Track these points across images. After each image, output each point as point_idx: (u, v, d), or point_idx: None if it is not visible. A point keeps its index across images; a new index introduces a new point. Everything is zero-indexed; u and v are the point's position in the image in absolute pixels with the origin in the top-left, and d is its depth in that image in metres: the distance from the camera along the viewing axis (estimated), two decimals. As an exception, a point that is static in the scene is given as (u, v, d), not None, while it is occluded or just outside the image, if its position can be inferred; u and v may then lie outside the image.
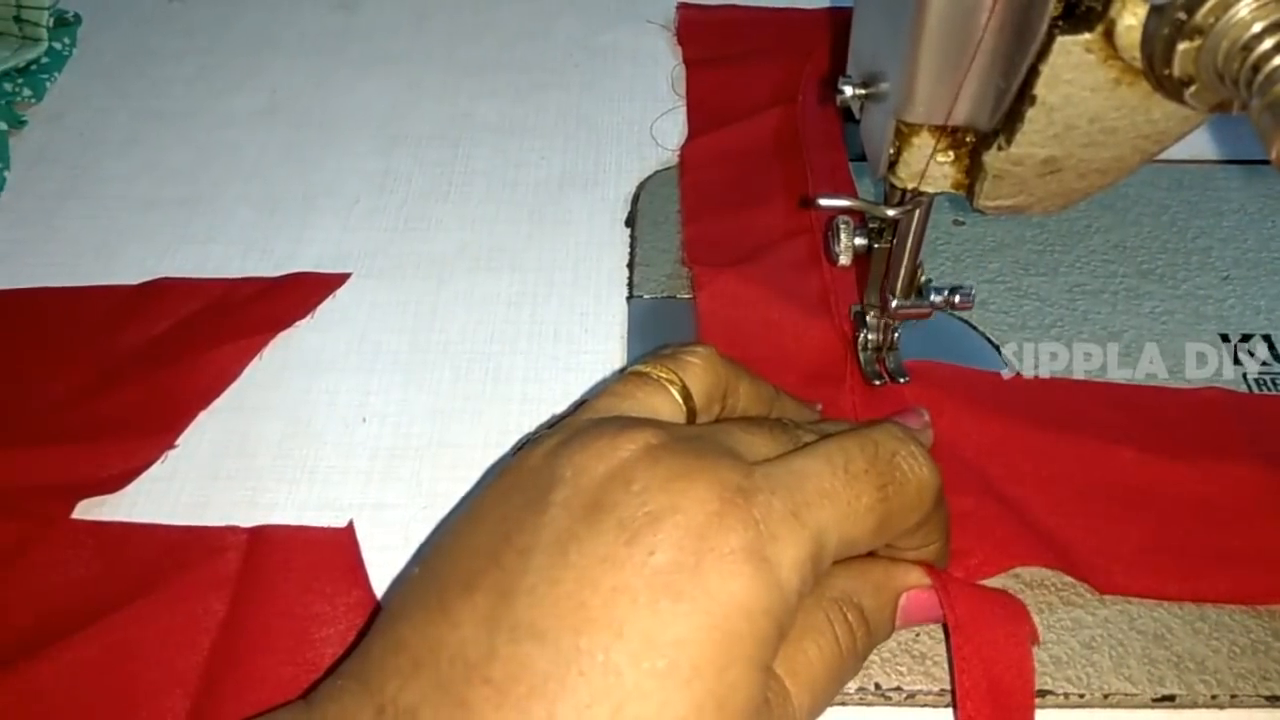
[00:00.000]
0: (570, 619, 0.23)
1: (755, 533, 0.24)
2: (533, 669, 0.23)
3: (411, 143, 0.52)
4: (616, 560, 0.23)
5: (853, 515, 0.26)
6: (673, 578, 0.23)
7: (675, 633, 0.23)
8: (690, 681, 0.23)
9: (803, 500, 0.25)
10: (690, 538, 0.24)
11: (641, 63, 0.56)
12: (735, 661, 0.23)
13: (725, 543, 0.24)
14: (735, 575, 0.23)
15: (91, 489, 0.37)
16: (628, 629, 0.23)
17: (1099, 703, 0.32)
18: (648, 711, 0.22)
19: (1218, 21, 0.21)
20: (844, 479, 0.26)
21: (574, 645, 0.23)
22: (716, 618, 0.23)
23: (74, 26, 0.57)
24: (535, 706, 0.22)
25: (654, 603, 0.23)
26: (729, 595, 0.23)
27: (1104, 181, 0.28)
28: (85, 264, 0.46)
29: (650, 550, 0.23)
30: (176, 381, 0.40)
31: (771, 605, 0.24)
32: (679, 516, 0.24)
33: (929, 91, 0.27)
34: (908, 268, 0.35)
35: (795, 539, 0.24)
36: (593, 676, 0.22)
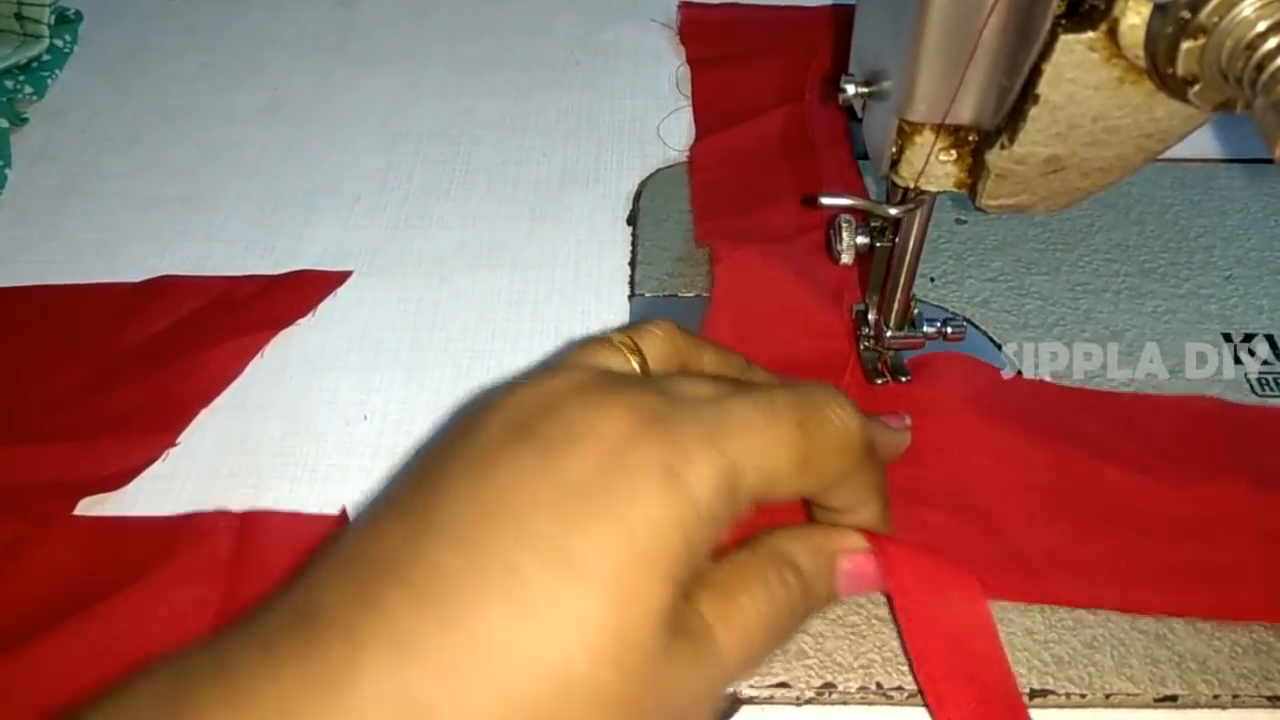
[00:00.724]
0: (484, 527, 0.24)
1: (668, 451, 0.25)
2: (445, 571, 0.24)
3: (413, 140, 0.52)
4: (533, 474, 0.25)
5: (770, 446, 0.26)
6: (584, 490, 0.24)
7: (581, 540, 0.24)
8: (592, 585, 0.24)
9: (719, 426, 0.26)
10: (604, 455, 0.25)
11: (643, 60, 0.56)
12: (638, 569, 0.24)
13: (637, 458, 0.25)
14: (644, 488, 0.24)
15: (92, 487, 0.37)
16: (537, 536, 0.24)
17: (1101, 703, 0.32)
18: (550, 612, 0.23)
19: (1221, 20, 0.21)
20: (764, 413, 0.27)
21: (485, 550, 0.24)
22: (622, 527, 0.24)
23: (75, 24, 0.57)
24: (438, 598, 0.23)
25: (563, 512, 0.24)
26: (636, 507, 0.24)
27: (1107, 180, 0.28)
28: (86, 262, 0.46)
29: (565, 466, 0.25)
30: (177, 379, 0.40)
31: (681, 519, 0.25)
32: (595, 436, 0.25)
33: (931, 90, 0.27)
34: (909, 268, 0.35)
35: (708, 459, 0.25)
36: (500, 579, 0.23)
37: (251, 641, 0.24)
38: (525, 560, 0.24)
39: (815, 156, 0.48)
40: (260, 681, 0.23)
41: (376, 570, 0.24)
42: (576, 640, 0.23)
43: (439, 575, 0.24)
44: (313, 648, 0.23)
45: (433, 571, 0.24)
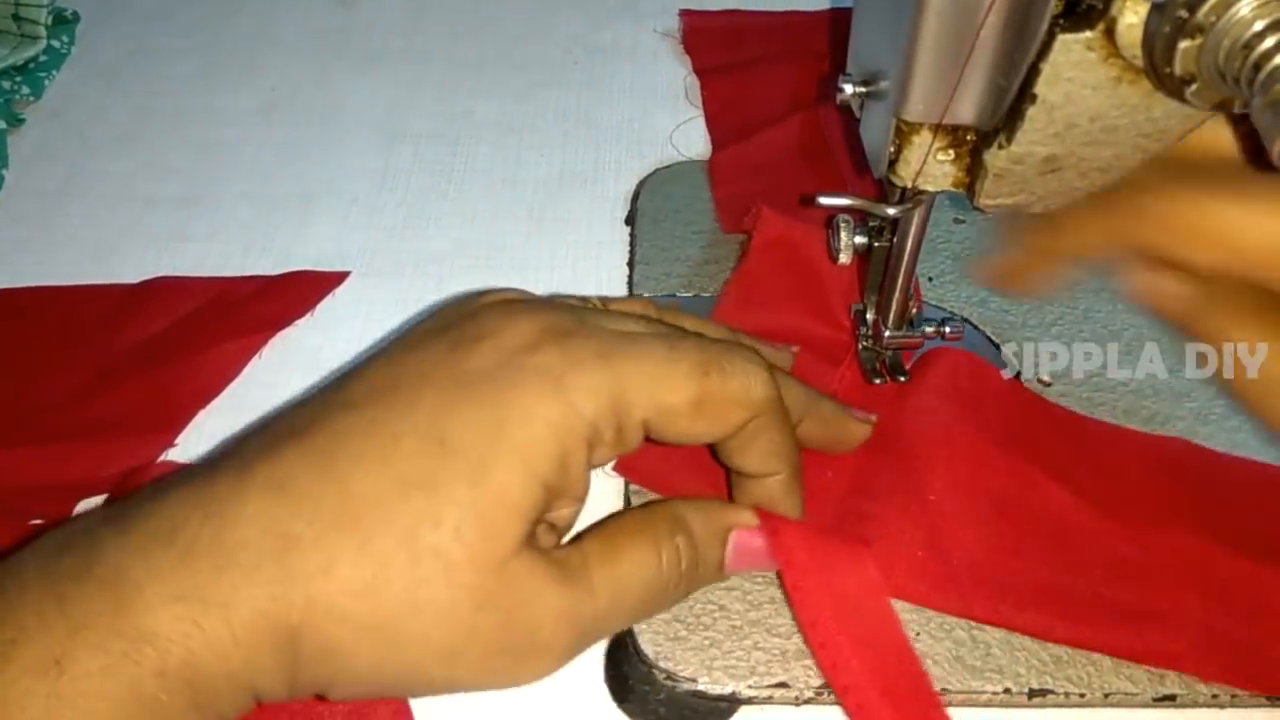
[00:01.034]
0: (378, 396, 0.27)
1: (558, 359, 0.27)
2: (334, 427, 0.27)
3: (411, 141, 0.52)
4: (436, 363, 0.28)
5: (665, 379, 0.28)
6: (475, 381, 0.27)
7: (456, 420, 0.26)
8: (457, 462, 0.26)
9: (617, 350, 0.28)
10: (502, 354, 0.27)
11: (641, 60, 0.56)
12: (502, 457, 0.26)
13: (529, 362, 0.27)
14: (524, 384, 0.27)
15: (90, 488, 0.37)
16: (420, 409, 0.27)
17: (1100, 702, 0.32)
18: (410, 471, 0.26)
19: (1219, 20, 0.21)
20: (667, 348, 0.29)
21: (372, 415, 0.27)
22: (498, 415, 0.26)
23: (72, 24, 0.57)
24: (325, 458, 0.26)
25: (448, 393, 0.27)
26: (515, 402, 0.27)
27: (1105, 180, 0.28)
28: (84, 262, 0.46)
29: (465, 357, 0.28)
30: (175, 380, 0.40)
31: (554, 419, 0.27)
32: (499, 337, 0.28)
33: (929, 90, 0.27)
34: (907, 268, 0.35)
35: (595, 371, 0.27)
36: (378, 443, 0.26)
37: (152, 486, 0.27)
38: (405, 430, 0.26)
39: (835, 159, 0.47)
40: (150, 512, 0.26)
41: (282, 430, 0.27)
42: (431, 510, 0.26)
43: (328, 433, 0.27)
44: (207, 481, 0.26)
45: (325, 429, 0.27)
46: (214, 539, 0.25)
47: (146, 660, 0.24)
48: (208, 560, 0.25)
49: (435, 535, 0.25)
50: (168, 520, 0.25)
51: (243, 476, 0.26)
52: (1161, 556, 0.33)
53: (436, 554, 0.25)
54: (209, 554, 0.25)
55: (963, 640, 0.32)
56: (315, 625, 0.25)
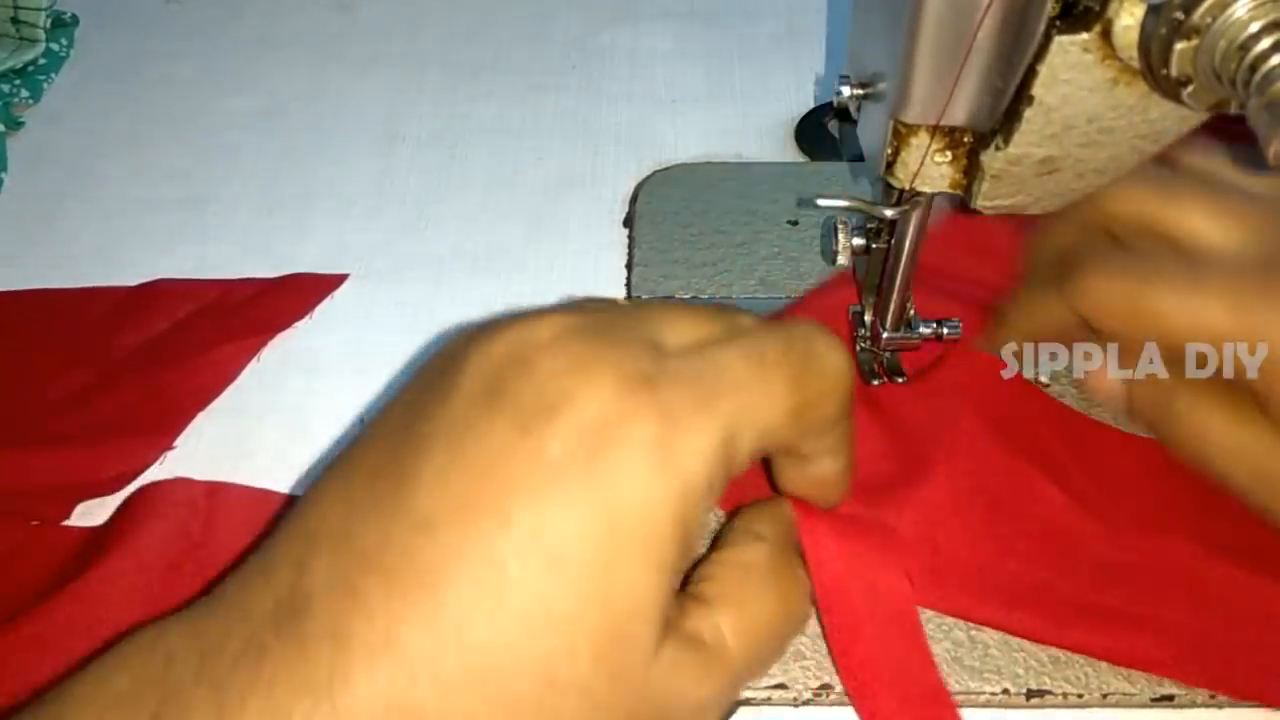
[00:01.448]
0: (460, 511, 0.23)
1: (657, 424, 0.23)
2: (421, 559, 0.22)
3: (409, 144, 0.52)
4: (510, 452, 0.23)
5: (766, 402, 0.25)
6: (565, 470, 0.23)
7: (563, 525, 0.22)
8: (574, 576, 0.22)
9: (713, 390, 0.24)
10: (587, 429, 0.23)
11: (639, 63, 0.56)
12: (624, 557, 0.23)
13: (623, 434, 0.23)
14: (631, 467, 0.23)
15: (89, 491, 0.37)
16: (515, 521, 0.22)
17: (1098, 703, 0.32)
18: (529, 604, 0.22)
19: (1215, 21, 0.21)
20: (757, 366, 0.25)
21: (461, 536, 0.22)
22: (606, 511, 0.22)
23: (71, 27, 0.57)
24: (421, 596, 0.22)
25: (543, 495, 0.22)
26: (622, 488, 0.23)
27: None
28: (83, 265, 0.46)
29: (544, 441, 0.23)
30: (174, 383, 0.40)
31: (672, 499, 0.23)
32: (577, 406, 0.23)
33: (926, 91, 0.27)
34: (905, 270, 0.35)
35: (702, 429, 0.23)
36: (477, 568, 0.22)
37: (234, 630, 0.23)
38: (505, 552, 0.22)
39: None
40: (251, 689, 0.22)
41: (355, 556, 0.23)
42: (560, 638, 0.22)
43: (419, 568, 0.22)
44: (301, 651, 0.22)
45: (413, 563, 0.22)
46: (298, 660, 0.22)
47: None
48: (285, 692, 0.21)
49: (574, 669, 0.22)
50: (271, 706, 0.22)
51: (339, 639, 0.22)
52: (1152, 561, 0.33)
53: (578, 687, 0.22)
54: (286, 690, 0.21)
55: (961, 641, 0.32)
56: None
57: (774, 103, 0.54)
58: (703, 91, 0.55)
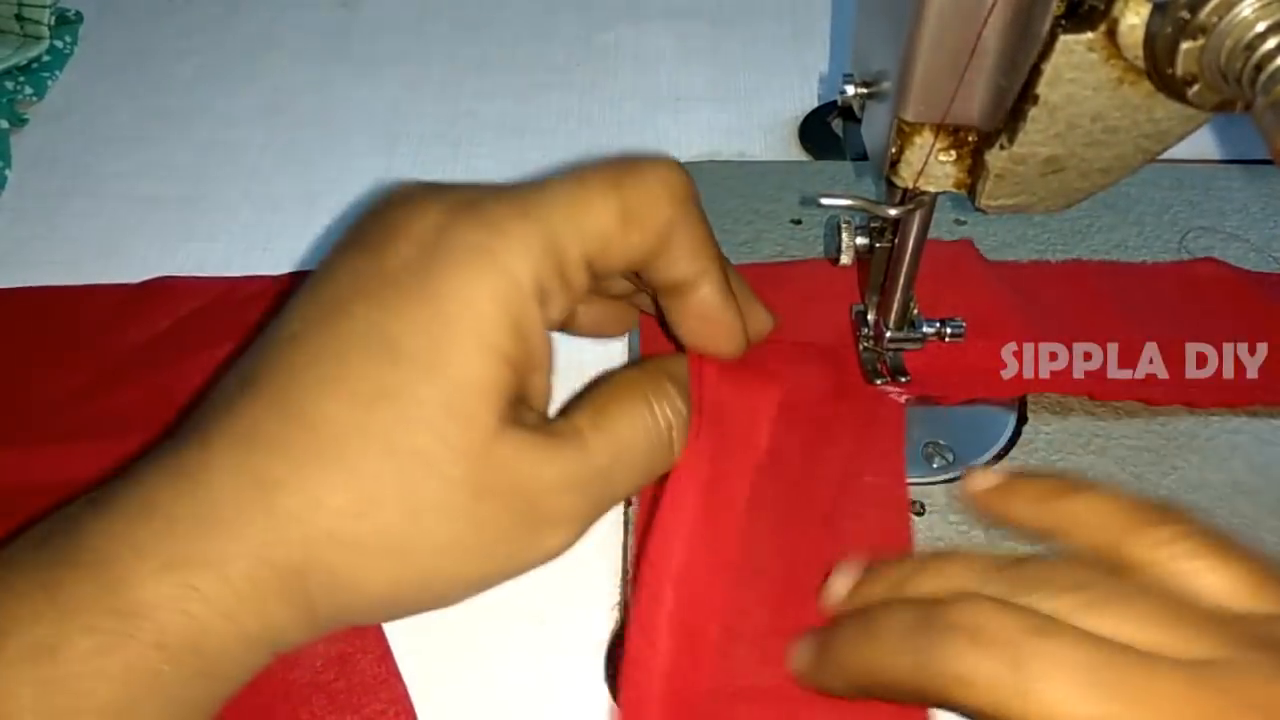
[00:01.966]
0: (314, 322, 0.27)
1: (480, 231, 0.26)
2: (281, 364, 0.26)
3: (413, 142, 0.52)
4: (357, 270, 0.27)
5: (587, 208, 0.27)
6: (400, 278, 0.26)
7: (396, 321, 0.26)
8: (411, 364, 0.25)
9: (534, 201, 0.27)
10: (419, 243, 0.26)
11: (643, 61, 0.56)
12: (450, 338, 0.25)
13: (449, 240, 0.26)
14: (455, 266, 0.26)
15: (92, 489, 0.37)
16: (357, 322, 0.26)
17: (1100, 703, 0.31)
18: (367, 385, 0.25)
19: (1221, 21, 0.21)
20: (575, 181, 0.28)
21: (315, 342, 0.26)
22: (435, 305, 0.25)
23: (75, 25, 0.57)
24: (282, 398, 0.26)
25: (381, 300, 0.26)
26: (448, 285, 0.26)
27: (1106, 181, 0.28)
28: (86, 263, 0.46)
29: (383, 257, 0.27)
30: (178, 380, 0.40)
31: (495, 289, 0.26)
32: (410, 227, 0.27)
33: (930, 90, 0.27)
34: (908, 269, 0.35)
35: (523, 231, 0.26)
36: (331, 369, 0.26)
37: (124, 470, 0.27)
38: (349, 348, 0.26)
39: None
40: (125, 490, 0.26)
41: (235, 384, 0.27)
42: (401, 416, 0.25)
43: (277, 371, 0.26)
44: (173, 453, 0.26)
45: (273, 369, 0.26)
46: (192, 503, 0.25)
47: (143, 633, 0.24)
48: (190, 524, 0.25)
49: (412, 438, 0.25)
50: (142, 494, 0.25)
51: (206, 437, 0.26)
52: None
53: (419, 455, 0.25)
54: (190, 519, 0.25)
55: (964, 641, 0.32)
56: (319, 559, 0.25)
57: (778, 101, 0.54)
58: (706, 90, 0.55)
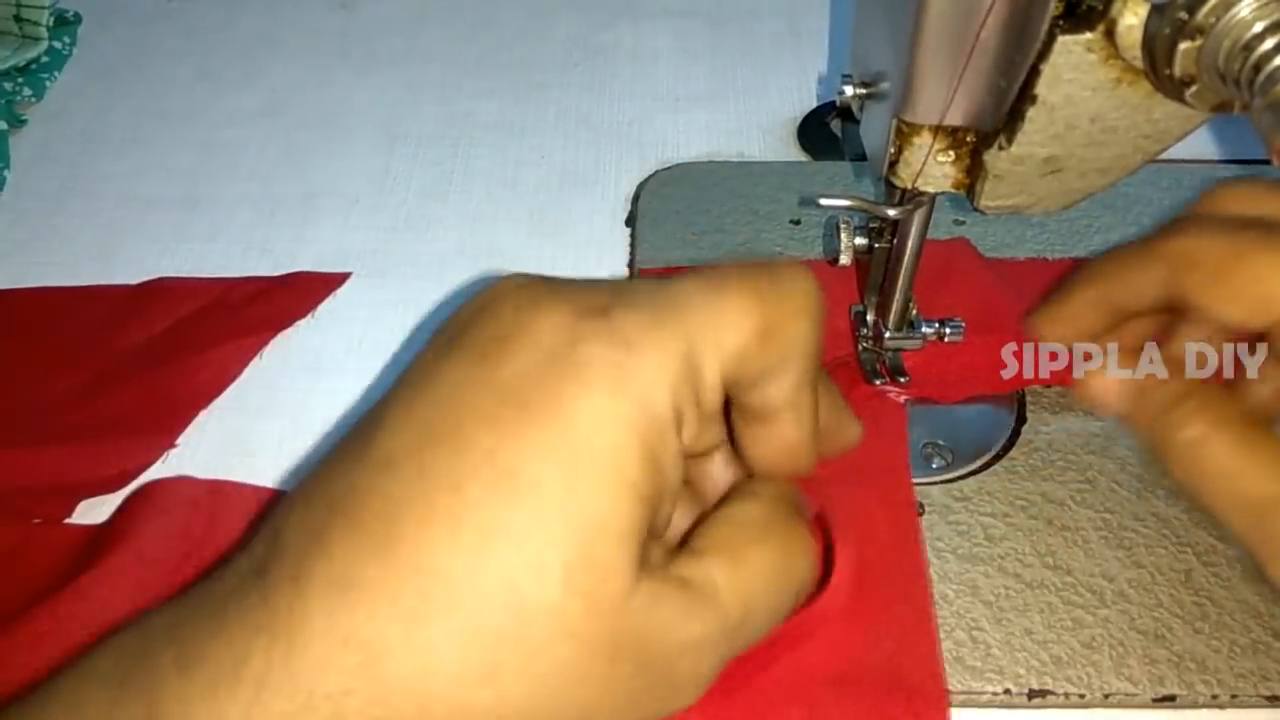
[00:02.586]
0: (418, 444, 0.22)
1: (611, 345, 0.23)
2: (380, 496, 0.22)
3: (411, 142, 0.52)
4: (466, 382, 0.23)
5: (728, 319, 0.24)
6: (520, 392, 0.22)
7: (517, 446, 0.22)
8: (533, 493, 0.22)
9: (670, 311, 0.24)
10: (541, 353, 0.23)
11: (642, 61, 0.56)
12: (585, 476, 0.22)
13: (577, 355, 0.23)
14: (587, 387, 0.22)
15: (91, 489, 0.37)
16: (471, 444, 0.22)
17: (1099, 703, 0.32)
18: (489, 524, 0.22)
19: (1219, 21, 0.21)
20: (717, 288, 0.24)
21: (419, 466, 0.22)
22: (563, 430, 0.22)
23: (74, 26, 0.57)
24: (378, 528, 0.22)
25: (498, 417, 0.22)
26: (579, 408, 0.22)
27: (1105, 181, 0.28)
28: (85, 263, 0.46)
29: (499, 368, 0.23)
30: (176, 381, 0.40)
31: (631, 415, 0.22)
32: (532, 334, 0.23)
33: (929, 91, 0.27)
34: (907, 270, 0.35)
35: (658, 346, 0.23)
36: (442, 503, 0.22)
37: (207, 600, 0.23)
38: (464, 476, 0.22)
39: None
40: (211, 639, 0.22)
41: (322, 507, 0.23)
42: (523, 556, 0.21)
43: (380, 505, 0.22)
44: (262, 598, 0.22)
45: (373, 502, 0.22)
46: (286, 668, 0.21)
47: None
48: (286, 697, 0.21)
49: (541, 589, 0.21)
50: (229, 650, 0.21)
51: (299, 581, 0.22)
52: None
53: (550, 612, 0.21)
54: (287, 689, 0.21)
55: (963, 641, 0.32)
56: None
57: (776, 102, 0.54)
58: (705, 90, 0.55)
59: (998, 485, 0.36)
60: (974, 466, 0.37)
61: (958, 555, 0.34)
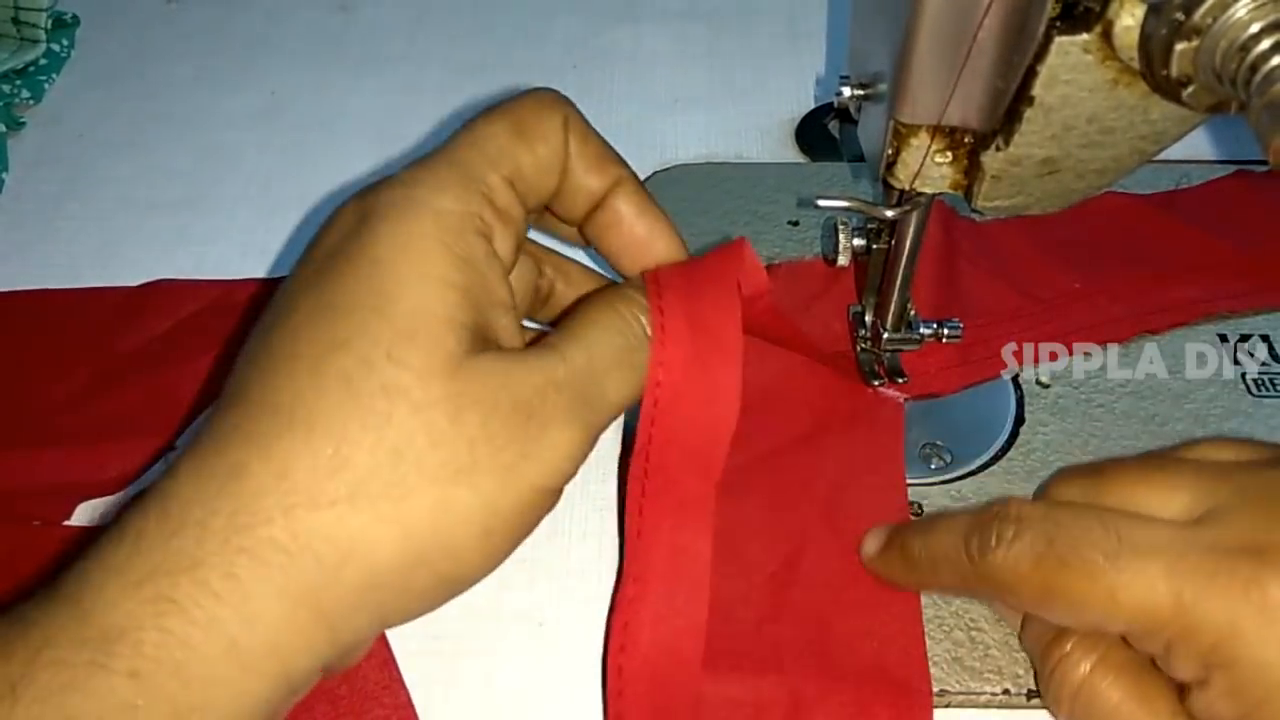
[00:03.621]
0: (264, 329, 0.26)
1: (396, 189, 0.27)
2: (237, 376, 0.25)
3: (410, 143, 0.52)
4: (296, 271, 0.27)
5: (478, 134, 0.28)
6: (332, 254, 0.26)
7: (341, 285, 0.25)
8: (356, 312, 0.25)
9: (435, 151, 0.28)
10: (347, 226, 0.27)
11: (640, 63, 0.56)
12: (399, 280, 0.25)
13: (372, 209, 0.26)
14: (382, 221, 0.26)
15: (91, 491, 0.37)
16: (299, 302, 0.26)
17: (1098, 703, 0.32)
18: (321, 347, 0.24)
19: (1215, 22, 0.21)
20: (469, 122, 0.29)
21: (264, 343, 0.25)
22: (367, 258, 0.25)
23: (72, 28, 0.57)
24: (240, 393, 0.25)
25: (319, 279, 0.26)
26: (374, 238, 0.26)
27: (1102, 182, 0.28)
28: (84, 266, 0.46)
29: (316, 250, 0.27)
30: (176, 382, 0.40)
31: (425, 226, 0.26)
32: (337, 219, 0.27)
33: (926, 92, 0.27)
34: (905, 270, 0.35)
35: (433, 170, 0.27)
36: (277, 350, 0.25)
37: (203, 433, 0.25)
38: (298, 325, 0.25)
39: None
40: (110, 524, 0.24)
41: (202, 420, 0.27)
42: (356, 357, 0.24)
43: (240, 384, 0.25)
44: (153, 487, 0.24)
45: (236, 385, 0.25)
46: (161, 516, 0.23)
47: (115, 660, 0.21)
48: (158, 536, 0.23)
49: (374, 376, 0.24)
50: (118, 523, 0.24)
51: (173, 464, 0.24)
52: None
53: (385, 390, 0.24)
54: (158, 530, 0.23)
55: (961, 641, 0.32)
56: (307, 534, 0.23)
57: (774, 103, 0.54)
58: (703, 92, 0.55)
59: (997, 485, 0.36)
60: (973, 467, 0.37)
61: (956, 556, 0.34)
